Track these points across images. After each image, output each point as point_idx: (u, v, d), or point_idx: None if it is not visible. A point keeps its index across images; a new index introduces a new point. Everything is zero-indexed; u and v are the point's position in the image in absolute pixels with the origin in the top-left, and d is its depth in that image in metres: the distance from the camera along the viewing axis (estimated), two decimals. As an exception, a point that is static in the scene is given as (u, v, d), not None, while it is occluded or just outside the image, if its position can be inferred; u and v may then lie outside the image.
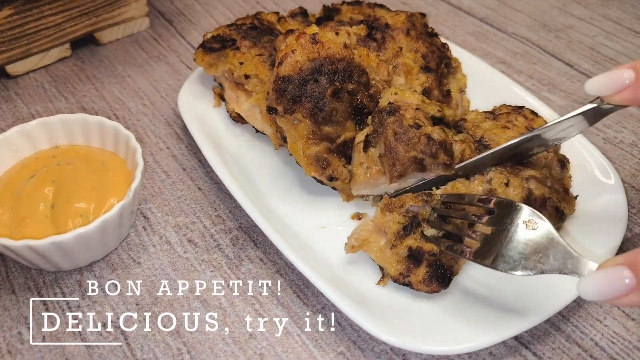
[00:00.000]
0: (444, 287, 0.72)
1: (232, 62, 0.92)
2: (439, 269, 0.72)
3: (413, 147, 0.77)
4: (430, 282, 0.72)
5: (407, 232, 0.74)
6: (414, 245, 0.73)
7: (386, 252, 0.75)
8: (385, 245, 0.75)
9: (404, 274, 0.73)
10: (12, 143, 0.82)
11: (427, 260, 0.72)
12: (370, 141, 0.81)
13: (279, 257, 0.80)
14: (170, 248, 0.81)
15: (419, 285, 0.72)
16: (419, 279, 0.72)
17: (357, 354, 0.70)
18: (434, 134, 0.79)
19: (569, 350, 0.71)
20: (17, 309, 0.74)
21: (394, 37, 0.93)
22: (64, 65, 1.11)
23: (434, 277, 0.72)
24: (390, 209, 0.76)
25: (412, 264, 0.73)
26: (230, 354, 0.70)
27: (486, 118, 0.87)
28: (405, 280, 0.73)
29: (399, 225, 0.74)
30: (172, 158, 0.94)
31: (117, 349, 0.70)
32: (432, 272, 0.72)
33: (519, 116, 0.86)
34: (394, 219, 0.75)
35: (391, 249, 0.74)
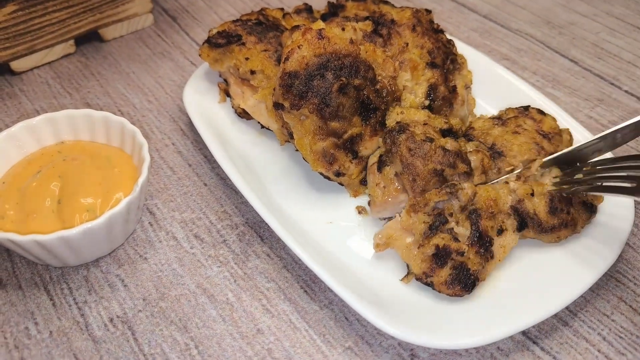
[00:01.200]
0: (467, 292, 0.71)
1: (237, 57, 0.92)
2: (464, 272, 0.71)
3: (430, 160, 0.77)
4: (452, 285, 0.71)
5: (433, 231, 0.73)
6: (440, 244, 0.72)
7: (412, 250, 0.74)
8: (412, 244, 0.74)
9: (427, 273, 0.72)
10: (18, 139, 0.82)
11: (453, 261, 0.71)
12: (384, 161, 0.81)
13: (285, 252, 0.80)
14: (176, 244, 0.81)
15: (441, 287, 0.71)
16: (441, 281, 0.71)
17: (364, 349, 0.70)
18: (448, 145, 0.79)
19: (576, 344, 0.71)
20: (23, 304, 0.74)
21: (399, 33, 0.93)
22: (68, 61, 1.11)
23: (457, 280, 0.71)
24: (415, 209, 0.75)
25: (436, 264, 0.72)
26: (238, 348, 0.70)
27: (494, 124, 0.86)
28: (427, 280, 0.72)
29: (425, 225, 0.74)
30: (178, 154, 0.94)
31: (124, 344, 0.70)
32: (456, 274, 0.71)
33: (527, 119, 0.86)
34: (419, 219, 0.74)
35: (418, 248, 0.73)
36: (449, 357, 0.70)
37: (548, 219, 0.75)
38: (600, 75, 1.11)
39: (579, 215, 0.77)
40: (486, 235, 0.73)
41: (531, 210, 0.75)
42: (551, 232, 0.75)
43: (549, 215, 0.75)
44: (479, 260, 0.72)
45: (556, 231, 0.75)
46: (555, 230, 0.75)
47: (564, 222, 0.75)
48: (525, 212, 0.75)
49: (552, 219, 0.75)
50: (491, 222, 0.74)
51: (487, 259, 0.73)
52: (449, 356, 0.70)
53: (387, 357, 0.70)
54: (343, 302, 0.74)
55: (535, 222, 0.75)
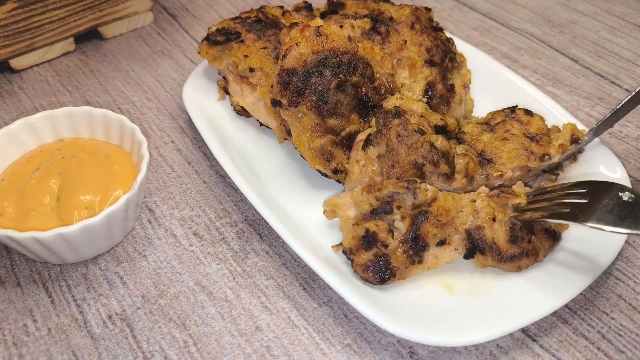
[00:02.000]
0: (377, 283, 0.71)
1: (236, 55, 0.92)
2: (382, 262, 0.71)
3: (415, 152, 0.77)
4: (367, 270, 0.71)
5: (373, 216, 0.74)
6: (371, 229, 0.73)
7: (349, 224, 0.75)
8: (353, 219, 0.76)
9: (352, 250, 0.73)
10: (17, 136, 0.82)
11: (377, 249, 0.72)
12: (371, 140, 0.80)
13: (284, 249, 0.80)
14: (175, 241, 0.81)
15: (357, 267, 0.72)
16: (360, 262, 0.72)
17: (363, 346, 0.70)
18: (438, 142, 0.78)
19: (575, 342, 0.71)
20: (22, 302, 0.74)
21: (398, 30, 0.93)
22: (68, 59, 1.11)
23: (373, 269, 0.71)
24: (370, 190, 0.75)
25: (362, 245, 0.72)
26: (237, 346, 0.70)
27: (483, 130, 0.86)
28: (350, 257, 0.73)
29: (369, 207, 0.74)
30: (177, 152, 0.94)
31: (123, 341, 0.70)
32: (375, 262, 0.71)
33: (514, 122, 0.85)
34: (368, 199, 0.75)
35: (353, 225, 0.75)
36: (448, 354, 0.70)
37: (508, 247, 0.72)
38: (600, 73, 1.11)
39: (541, 244, 0.74)
40: (423, 239, 0.72)
41: (489, 238, 0.73)
42: (511, 261, 0.72)
43: (509, 244, 0.72)
44: (403, 260, 0.72)
45: (516, 261, 0.72)
46: (516, 260, 0.72)
47: (525, 252, 0.72)
48: (481, 241, 0.73)
49: (512, 247, 0.72)
50: (436, 230, 0.73)
51: (413, 262, 0.72)
52: (448, 353, 0.70)
53: (386, 354, 0.69)
54: (342, 299, 0.74)
55: (494, 251, 0.72)
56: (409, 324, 0.67)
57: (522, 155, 0.81)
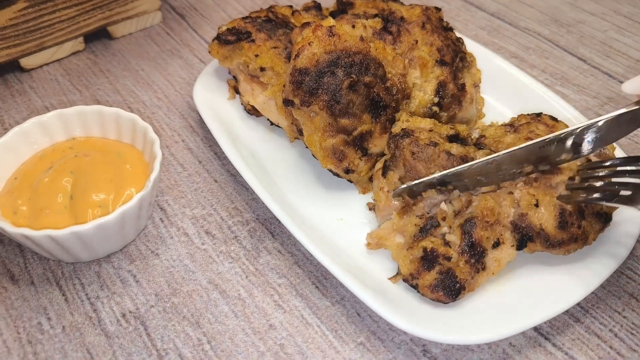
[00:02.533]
0: (450, 300, 0.69)
1: (247, 54, 0.92)
2: (449, 278, 0.69)
3: (433, 163, 0.77)
4: (436, 289, 0.69)
5: (424, 234, 0.73)
6: (428, 247, 0.71)
7: (402, 251, 0.74)
8: (403, 245, 0.74)
9: (414, 275, 0.71)
10: (29, 135, 0.82)
11: (440, 266, 0.70)
12: (388, 166, 0.81)
13: (296, 248, 0.80)
14: (188, 240, 0.81)
15: (425, 290, 0.70)
16: (426, 284, 0.70)
17: (377, 344, 0.70)
18: (453, 149, 0.78)
19: (588, 341, 0.71)
20: (36, 300, 0.74)
21: (409, 30, 0.93)
22: (77, 58, 1.11)
23: (442, 286, 0.69)
24: (406, 210, 0.74)
25: (423, 266, 0.71)
26: (251, 344, 0.70)
27: (507, 132, 0.83)
28: (413, 282, 0.71)
29: (416, 228, 0.73)
30: (188, 150, 0.94)
31: (137, 339, 0.70)
32: (442, 280, 0.69)
33: (540, 124, 0.83)
34: (410, 221, 0.74)
35: (407, 249, 0.73)
36: (461, 352, 0.70)
37: (556, 233, 0.71)
38: (608, 73, 1.11)
39: (591, 227, 0.73)
40: (479, 245, 0.71)
41: (537, 225, 0.72)
42: (559, 247, 0.72)
43: (558, 230, 0.71)
44: (468, 270, 0.70)
45: (565, 245, 0.72)
46: (564, 245, 0.72)
47: (574, 237, 0.72)
48: (528, 228, 0.72)
49: (560, 234, 0.71)
50: (487, 233, 0.72)
51: (477, 270, 0.71)
52: (461, 352, 0.70)
53: (399, 352, 0.70)
54: (355, 297, 0.75)
55: (542, 237, 0.71)
56: (422, 322, 0.68)
57: None
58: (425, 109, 0.88)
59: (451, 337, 0.67)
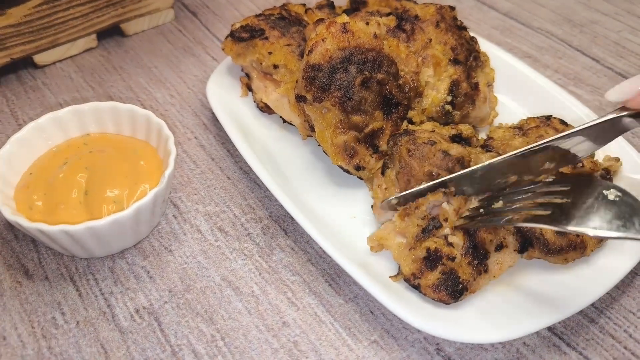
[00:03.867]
0: (452, 300, 0.69)
1: (260, 51, 0.92)
2: (452, 278, 0.69)
3: (427, 162, 0.76)
4: (438, 289, 0.69)
5: (426, 234, 0.72)
6: (432, 247, 0.70)
7: (404, 251, 0.73)
8: (404, 245, 0.74)
9: (416, 275, 0.70)
10: (44, 130, 0.82)
11: (443, 266, 0.69)
12: (386, 163, 0.81)
13: (310, 246, 0.80)
14: (201, 236, 0.81)
15: (427, 290, 0.69)
16: (428, 283, 0.69)
17: (390, 343, 0.70)
18: (452, 150, 0.76)
19: (602, 341, 0.71)
20: (50, 295, 0.75)
21: (423, 28, 0.93)
22: (91, 55, 1.12)
23: (444, 286, 0.68)
24: (407, 212, 0.74)
25: (426, 266, 0.70)
26: (264, 341, 0.70)
27: (515, 135, 0.83)
28: (415, 282, 0.70)
29: (418, 228, 0.73)
30: (201, 148, 0.94)
31: (150, 335, 0.71)
32: (444, 279, 0.69)
33: (549, 129, 0.83)
34: (412, 222, 0.73)
35: (409, 250, 0.72)
36: (475, 351, 0.70)
37: (555, 240, 0.72)
38: (622, 73, 1.11)
39: (589, 238, 0.73)
40: (482, 247, 0.71)
41: (537, 230, 0.72)
42: (558, 254, 0.72)
43: (557, 236, 0.72)
44: (470, 271, 0.70)
45: (563, 253, 0.72)
46: (563, 253, 0.72)
47: (572, 244, 0.72)
48: (530, 233, 0.72)
49: (559, 240, 0.71)
50: (490, 236, 0.71)
51: (479, 272, 0.70)
52: (474, 351, 0.70)
53: (413, 351, 0.70)
54: (368, 295, 0.75)
55: (541, 243, 0.72)
56: (436, 321, 0.68)
57: None
58: (438, 108, 0.88)
59: (465, 336, 0.67)
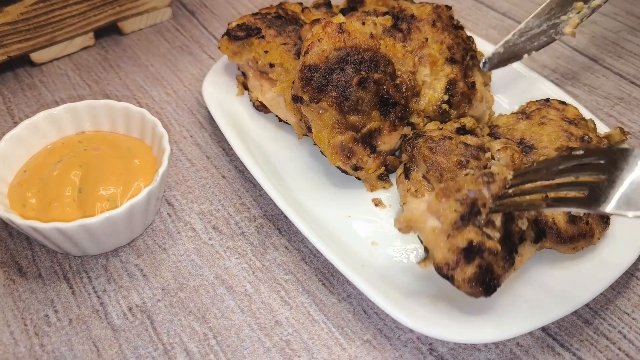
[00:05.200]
0: (485, 295, 0.64)
1: (256, 50, 0.92)
2: (489, 274, 0.64)
3: (453, 154, 0.78)
4: (474, 284, 0.63)
5: (465, 222, 0.65)
6: (475, 240, 0.64)
7: (439, 237, 0.66)
8: (440, 231, 0.66)
9: (451, 265, 0.64)
10: (39, 128, 0.82)
11: (481, 259, 0.64)
12: (409, 167, 0.82)
13: (304, 245, 0.80)
14: (195, 235, 0.81)
15: (462, 283, 0.64)
16: (464, 277, 0.64)
17: (383, 342, 0.70)
18: (468, 140, 0.79)
19: (596, 342, 0.70)
20: (43, 292, 0.74)
21: (419, 28, 0.93)
22: (88, 53, 1.12)
23: (480, 281, 0.63)
24: (447, 193, 0.67)
25: (464, 258, 0.64)
26: (257, 339, 0.70)
27: (519, 119, 0.86)
28: (449, 272, 0.64)
29: (457, 214, 0.65)
30: (196, 146, 0.94)
31: (143, 333, 0.70)
32: (481, 274, 0.63)
33: (550, 109, 0.86)
34: (450, 205, 0.66)
35: (447, 237, 0.65)
36: (468, 351, 0.69)
37: (567, 228, 0.72)
38: (620, 73, 1.10)
39: (596, 226, 0.74)
40: (513, 240, 0.69)
41: (550, 219, 0.73)
42: (569, 242, 0.73)
43: (569, 225, 0.72)
44: (503, 265, 0.66)
45: (574, 241, 0.73)
46: (574, 241, 0.73)
47: (583, 233, 0.73)
48: (544, 222, 0.72)
49: (571, 228, 0.72)
50: (516, 227, 0.70)
51: (510, 265, 0.68)
52: (467, 351, 0.69)
53: (406, 350, 0.69)
54: (361, 295, 0.74)
55: (554, 232, 0.72)
56: (429, 321, 0.67)
57: (563, 136, 0.81)
58: (435, 107, 0.88)
59: (458, 336, 0.66)
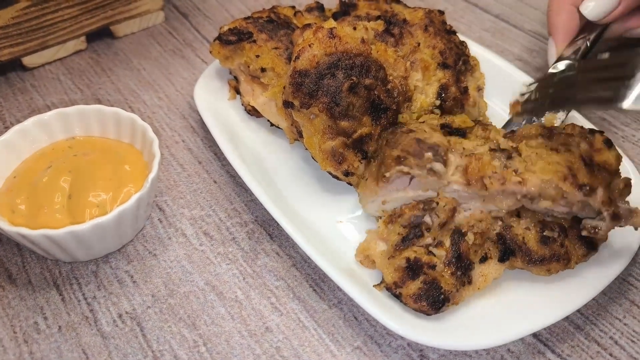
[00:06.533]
0: (433, 311, 0.67)
1: (248, 55, 0.91)
2: (434, 289, 0.67)
3: (398, 147, 0.73)
4: (419, 299, 0.67)
5: (406, 244, 0.71)
6: (411, 256, 0.70)
7: (385, 259, 0.72)
8: (385, 253, 0.73)
9: (397, 283, 0.69)
10: (29, 133, 0.82)
11: (425, 275, 0.68)
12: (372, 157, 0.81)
13: (295, 250, 0.80)
14: (185, 240, 0.81)
15: (408, 299, 0.68)
16: (409, 293, 0.68)
17: (373, 349, 0.70)
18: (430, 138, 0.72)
19: (587, 348, 0.70)
20: (33, 299, 0.74)
21: (411, 33, 0.92)
22: (80, 57, 1.11)
23: (426, 296, 0.67)
24: (392, 219, 0.73)
25: (408, 275, 0.69)
26: (247, 346, 0.70)
27: (540, 134, 0.74)
28: (397, 291, 0.69)
29: (399, 237, 0.72)
30: (188, 151, 0.94)
31: (132, 340, 0.70)
32: (426, 290, 0.67)
33: (584, 142, 0.71)
34: (395, 229, 0.73)
35: (389, 258, 0.71)
36: (459, 358, 0.69)
37: (538, 249, 0.70)
38: (613, 77, 1.10)
39: (574, 250, 0.71)
40: (467, 258, 0.70)
41: (520, 238, 0.71)
42: (540, 264, 0.70)
43: (540, 245, 0.70)
44: (453, 282, 0.68)
45: (546, 264, 0.70)
46: (545, 263, 0.70)
47: (556, 255, 0.70)
48: (512, 241, 0.71)
49: (542, 249, 0.70)
50: (475, 247, 0.71)
51: (463, 283, 0.69)
52: (458, 357, 0.69)
53: (396, 357, 0.69)
54: (352, 301, 0.74)
55: (523, 252, 0.70)
56: (419, 327, 0.67)
57: (559, 172, 0.68)
58: (427, 112, 0.88)
59: (449, 343, 0.66)
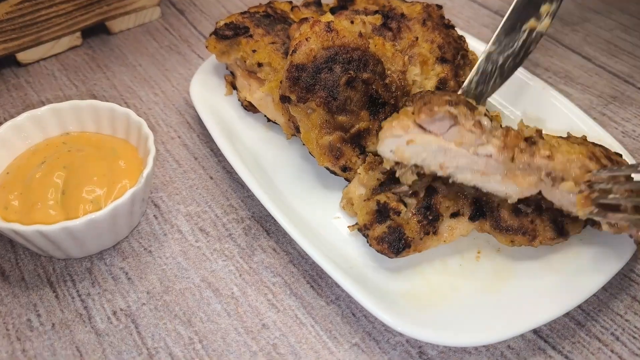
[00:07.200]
0: (392, 254, 0.71)
1: (244, 49, 0.90)
2: (396, 234, 0.71)
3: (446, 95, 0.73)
4: (381, 242, 0.71)
5: (382, 188, 0.74)
6: (381, 200, 0.73)
7: (361, 201, 0.76)
8: (362, 196, 0.77)
9: (367, 225, 0.73)
10: (23, 129, 0.81)
11: (391, 221, 0.72)
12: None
13: (292, 247, 0.79)
14: (181, 237, 0.80)
15: (372, 241, 0.72)
16: (374, 235, 0.72)
17: (372, 346, 0.69)
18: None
19: (589, 344, 0.69)
20: (26, 296, 0.73)
21: (409, 27, 0.91)
22: (75, 53, 1.10)
23: (387, 239, 0.71)
24: (371, 167, 0.77)
25: (376, 219, 0.73)
26: (243, 343, 0.69)
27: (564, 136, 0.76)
28: (365, 232, 0.74)
29: (377, 182, 0.76)
30: (184, 147, 0.93)
31: (127, 337, 0.69)
32: (389, 233, 0.71)
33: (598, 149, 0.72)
34: (375, 176, 0.76)
35: (364, 201, 0.75)
36: (458, 355, 0.68)
37: (508, 218, 0.72)
38: (613, 72, 1.09)
39: (542, 230, 0.71)
40: (436, 209, 0.73)
41: (494, 204, 0.72)
42: (506, 232, 0.72)
43: (511, 215, 0.72)
44: (417, 230, 0.72)
45: (511, 234, 0.71)
46: (510, 233, 0.71)
47: (523, 229, 0.71)
48: (486, 203, 0.73)
49: (512, 219, 0.72)
50: (448, 202, 0.73)
51: (427, 232, 0.72)
52: (458, 354, 0.68)
53: (395, 354, 0.68)
54: (350, 297, 0.73)
55: (494, 217, 0.72)
56: (418, 323, 0.66)
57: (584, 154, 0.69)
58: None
59: (448, 339, 0.65)
